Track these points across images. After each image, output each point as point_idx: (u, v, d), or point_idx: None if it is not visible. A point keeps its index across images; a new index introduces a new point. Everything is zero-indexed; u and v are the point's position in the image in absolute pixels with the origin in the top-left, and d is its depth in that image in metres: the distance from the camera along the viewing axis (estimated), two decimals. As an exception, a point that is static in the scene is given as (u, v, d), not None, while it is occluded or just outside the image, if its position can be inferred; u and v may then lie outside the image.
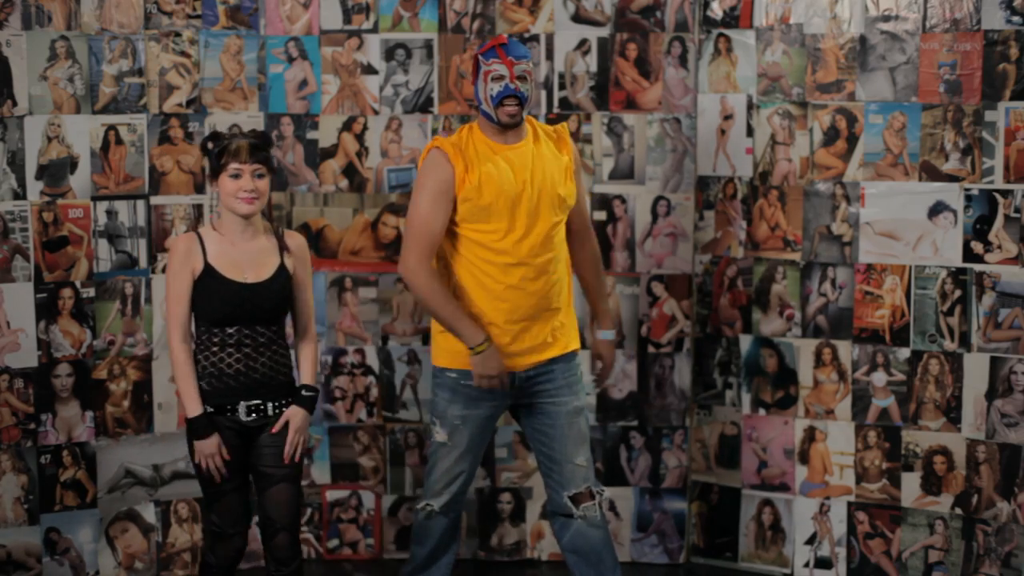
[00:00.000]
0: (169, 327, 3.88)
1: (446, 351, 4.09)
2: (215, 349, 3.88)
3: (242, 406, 3.91)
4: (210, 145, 3.87)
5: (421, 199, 3.98)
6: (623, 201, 5.02)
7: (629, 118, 5.00)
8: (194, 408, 3.86)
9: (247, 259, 3.90)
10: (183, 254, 3.85)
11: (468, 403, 4.09)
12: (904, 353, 4.77)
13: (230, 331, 3.88)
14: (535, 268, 4.01)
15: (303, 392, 3.98)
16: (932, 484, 4.75)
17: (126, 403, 4.85)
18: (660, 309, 5.06)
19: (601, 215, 5.00)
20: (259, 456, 3.94)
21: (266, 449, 3.93)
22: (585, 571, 4.15)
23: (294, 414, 3.93)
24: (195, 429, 3.87)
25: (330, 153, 5.03)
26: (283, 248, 3.96)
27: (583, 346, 4.55)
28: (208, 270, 3.85)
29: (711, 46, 4.96)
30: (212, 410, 3.88)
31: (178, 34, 4.84)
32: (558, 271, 4.07)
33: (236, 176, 3.83)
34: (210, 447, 3.86)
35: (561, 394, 4.10)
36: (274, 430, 3.91)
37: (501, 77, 3.93)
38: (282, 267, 3.94)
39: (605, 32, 4.98)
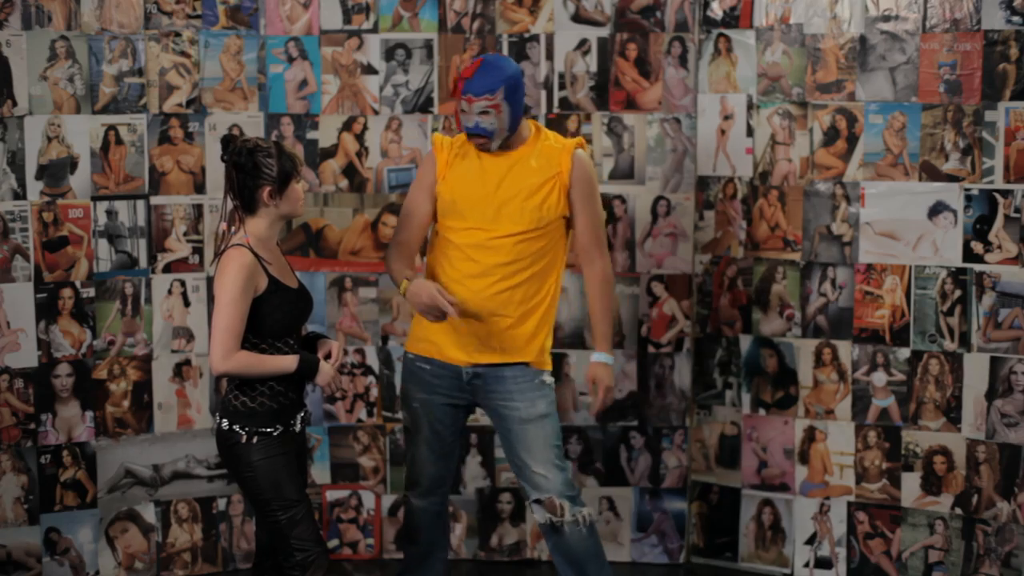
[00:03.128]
0: (225, 345, 3.61)
1: (410, 336, 4.23)
2: None
3: (298, 419, 3.83)
4: (269, 159, 3.70)
5: (412, 184, 4.28)
6: (623, 201, 5.02)
7: (629, 118, 5.00)
8: (288, 361, 3.69)
9: (285, 266, 3.83)
10: (249, 270, 3.65)
11: (423, 388, 4.17)
12: (904, 353, 4.77)
13: (291, 342, 3.78)
14: (481, 267, 4.04)
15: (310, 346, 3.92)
16: (932, 484, 4.75)
17: (126, 403, 4.85)
18: (660, 309, 5.06)
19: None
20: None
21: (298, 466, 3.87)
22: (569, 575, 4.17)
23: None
24: (306, 371, 3.71)
25: (330, 153, 5.03)
26: (285, 254, 3.93)
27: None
28: (274, 284, 3.71)
29: (711, 46, 4.96)
30: (281, 429, 3.73)
31: (178, 34, 4.84)
32: (516, 281, 4.04)
33: (298, 181, 3.76)
34: (328, 369, 3.74)
35: (512, 399, 4.09)
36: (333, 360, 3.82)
37: (464, 111, 4.01)
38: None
39: (605, 32, 4.97)
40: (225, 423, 3.73)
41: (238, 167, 3.71)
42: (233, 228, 3.75)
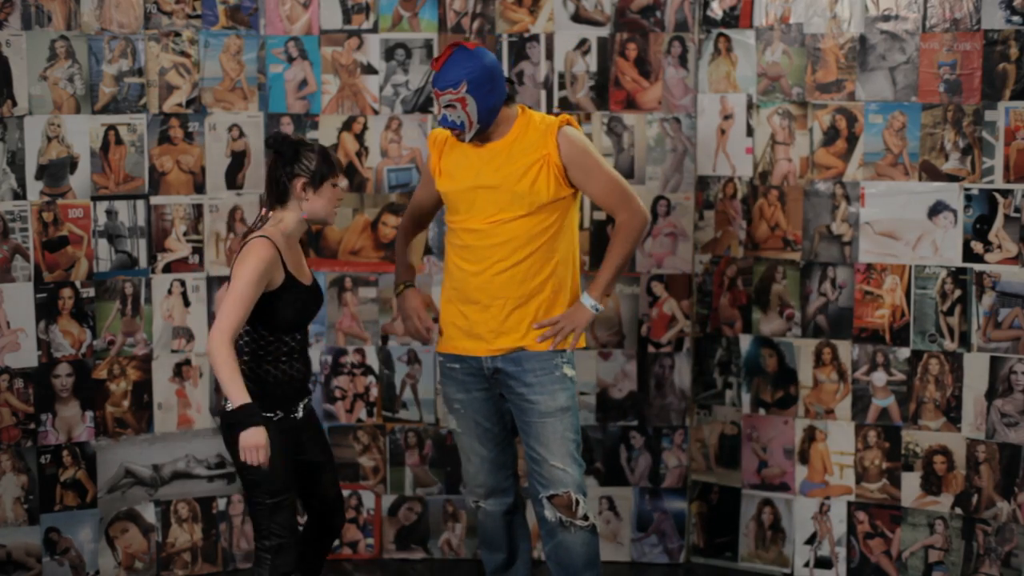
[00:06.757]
0: (224, 329, 3.65)
1: (440, 336, 4.20)
2: (284, 358, 3.85)
3: (301, 406, 3.94)
4: (311, 153, 3.81)
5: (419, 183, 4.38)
6: (623, 201, 5.02)
7: (629, 118, 5.00)
8: (242, 395, 3.65)
9: (301, 263, 3.91)
10: (269, 264, 3.73)
11: (459, 386, 4.15)
12: (904, 353, 4.77)
13: (299, 337, 3.89)
14: (477, 252, 4.02)
15: None
16: (932, 484, 4.75)
17: (126, 403, 4.85)
18: (660, 309, 5.06)
19: (601, 215, 5.00)
20: (305, 448, 3.98)
21: (312, 440, 4.00)
22: None
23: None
24: (243, 418, 3.65)
25: (330, 153, 5.03)
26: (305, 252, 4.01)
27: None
28: (289, 280, 3.80)
29: (711, 46, 4.96)
30: (281, 415, 3.84)
31: (178, 34, 4.84)
32: (515, 260, 3.99)
33: (335, 185, 3.85)
34: (258, 437, 3.65)
35: (532, 392, 4.03)
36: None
37: (433, 102, 4.04)
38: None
39: (605, 32, 4.98)
40: (228, 404, 3.77)
41: (279, 154, 3.82)
42: (262, 214, 3.87)
